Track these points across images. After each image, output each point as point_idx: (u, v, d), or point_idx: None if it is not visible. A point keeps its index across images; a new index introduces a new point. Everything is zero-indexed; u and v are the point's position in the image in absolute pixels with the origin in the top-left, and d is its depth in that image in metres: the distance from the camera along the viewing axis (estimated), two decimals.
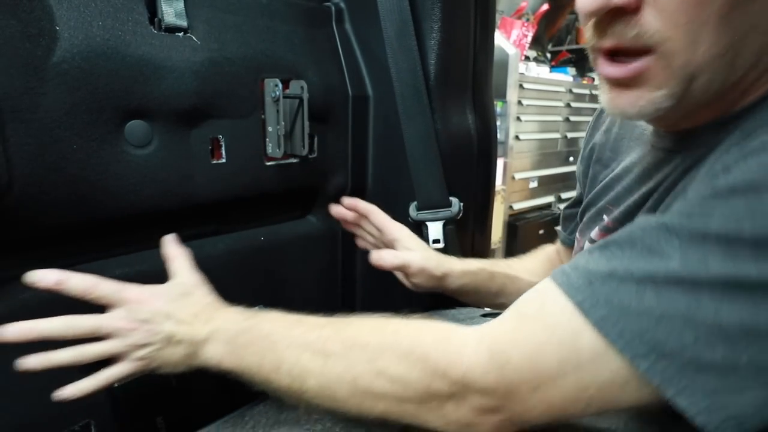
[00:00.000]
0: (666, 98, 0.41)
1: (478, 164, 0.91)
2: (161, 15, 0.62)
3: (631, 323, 0.35)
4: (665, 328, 0.34)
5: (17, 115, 0.52)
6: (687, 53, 0.39)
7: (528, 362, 0.39)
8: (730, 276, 0.33)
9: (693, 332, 0.34)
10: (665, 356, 0.34)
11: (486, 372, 0.41)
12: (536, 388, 0.39)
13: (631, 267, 0.37)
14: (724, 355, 0.33)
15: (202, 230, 0.75)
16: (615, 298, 0.36)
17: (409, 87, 0.79)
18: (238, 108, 0.70)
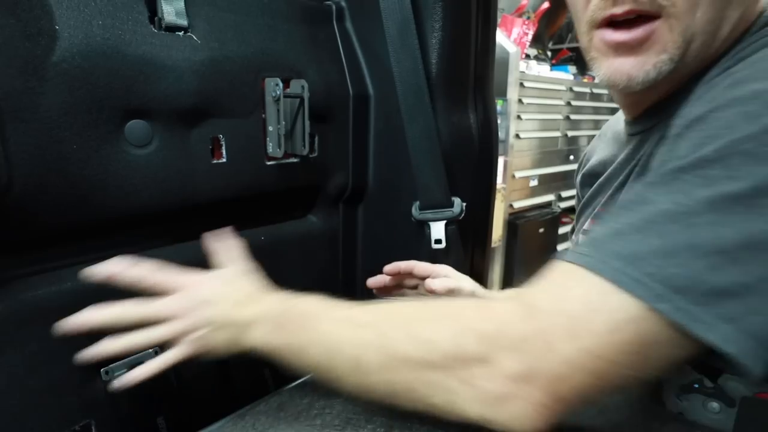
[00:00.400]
0: (668, 62, 0.45)
1: (479, 163, 0.91)
2: (161, 14, 0.61)
3: (643, 267, 0.35)
4: (674, 263, 0.34)
5: (17, 115, 0.51)
6: (689, 16, 0.43)
7: (558, 306, 0.38)
8: (712, 196, 0.34)
9: (700, 261, 0.34)
10: (680, 291, 0.34)
11: (516, 320, 0.39)
12: (572, 334, 0.37)
13: (629, 220, 0.38)
14: (735, 276, 0.33)
15: (202, 230, 0.74)
16: (622, 250, 0.37)
17: (410, 86, 0.79)
18: (238, 107, 0.70)
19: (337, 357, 0.46)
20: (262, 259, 0.80)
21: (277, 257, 0.82)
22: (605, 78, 0.49)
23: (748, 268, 0.33)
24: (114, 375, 0.63)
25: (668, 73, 0.46)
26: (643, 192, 0.39)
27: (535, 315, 0.38)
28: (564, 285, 0.39)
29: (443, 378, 0.40)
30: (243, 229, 0.79)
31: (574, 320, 0.37)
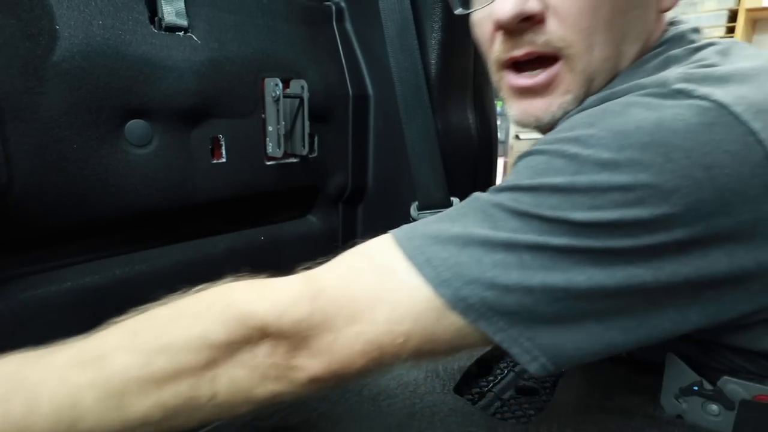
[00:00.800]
0: (572, 102, 0.47)
1: (478, 164, 0.91)
2: (161, 14, 0.61)
3: (438, 251, 0.37)
4: (468, 254, 0.36)
5: (17, 115, 0.51)
6: (586, 56, 0.45)
7: (343, 288, 0.39)
8: (517, 208, 0.37)
9: (491, 257, 0.36)
10: (468, 283, 0.36)
11: (299, 300, 0.38)
12: (352, 318, 0.38)
13: (445, 211, 0.41)
14: (518, 278, 0.35)
15: (202, 230, 0.75)
16: (429, 230, 0.39)
17: (410, 86, 0.79)
18: (238, 107, 0.70)
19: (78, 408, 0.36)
20: (261, 258, 0.80)
21: (277, 257, 0.82)
22: (515, 119, 0.51)
23: (532, 272, 0.36)
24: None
25: (573, 110, 0.47)
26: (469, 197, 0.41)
27: (319, 297, 0.38)
28: (358, 264, 0.40)
29: (225, 368, 0.38)
30: (242, 229, 0.79)
31: (359, 307, 0.38)
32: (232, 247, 0.76)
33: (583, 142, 0.37)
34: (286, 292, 0.40)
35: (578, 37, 0.44)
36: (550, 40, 0.45)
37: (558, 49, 0.45)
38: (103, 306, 0.63)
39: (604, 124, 0.37)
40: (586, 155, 0.36)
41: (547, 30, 0.45)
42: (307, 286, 0.39)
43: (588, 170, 0.36)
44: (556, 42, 0.45)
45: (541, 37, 0.45)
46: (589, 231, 0.35)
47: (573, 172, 0.36)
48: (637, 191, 0.34)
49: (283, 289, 0.40)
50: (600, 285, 0.35)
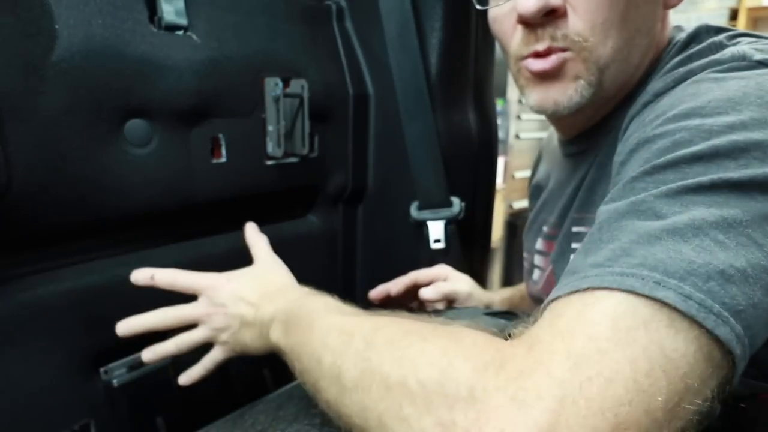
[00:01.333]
0: (586, 87, 0.49)
1: (479, 163, 0.90)
2: (161, 13, 0.61)
3: (628, 261, 0.32)
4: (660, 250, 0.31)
5: (16, 115, 0.51)
6: (600, 48, 0.48)
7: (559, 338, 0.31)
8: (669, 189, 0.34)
9: (686, 245, 0.31)
10: (674, 276, 0.30)
11: (517, 352, 0.31)
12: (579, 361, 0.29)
13: (597, 237, 0.35)
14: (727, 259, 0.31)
15: (202, 230, 0.74)
16: (598, 258, 0.33)
17: (410, 86, 0.79)
18: (238, 107, 0.70)
19: (319, 365, 0.42)
20: None
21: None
22: (535, 104, 0.52)
23: (737, 251, 0.31)
24: (113, 375, 0.63)
25: (590, 96, 0.50)
26: (600, 214, 0.37)
27: (533, 346, 0.31)
28: (557, 313, 0.33)
29: (417, 417, 0.32)
30: (242, 229, 0.79)
31: (571, 340, 0.30)
32: (232, 247, 0.76)
33: (699, 114, 0.37)
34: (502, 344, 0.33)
35: (594, 31, 0.47)
36: (567, 34, 0.48)
37: (575, 42, 0.48)
38: (103, 306, 0.63)
39: (709, 96, 0.38)
40: (712, 122, 0.36)
41: (566, 24, 0.47)
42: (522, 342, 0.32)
43: (722, 133, 0.35)
44: (574, 36, 0.47)
45: (560, 31, 0.48)
46: (748, 191, 0.33)
47: (706, 138, 0.35)
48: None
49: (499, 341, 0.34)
50: None
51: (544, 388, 0.28)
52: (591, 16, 0.47)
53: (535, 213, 0.70)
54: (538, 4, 0.46)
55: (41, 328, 0.58)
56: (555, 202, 0.63)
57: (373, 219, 0.93)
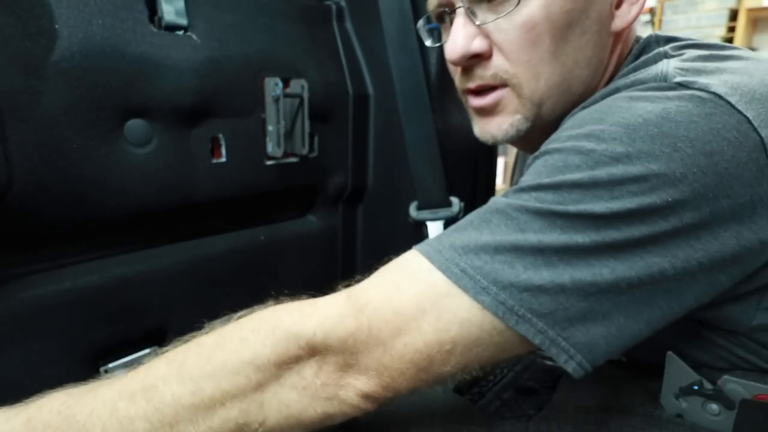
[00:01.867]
0: (522, 121, 0.52)
1: (479, 163, 0.91)
2: (161, 13, 0.61)
3: (472, 260, 0.38)
4: (500, 260, 0.38)
5: (17, 114, 0.51)
6: (532, 84, 0.50)
7: (387, 302, 0.39)
8: (541, 209, 0.38)
9: (522, 262, 0.38)
10: (504, 288, 0.37)
11: (344, 316, 0.40)
12: (398, 330, 0.39)
13: (469, 221, 0.41)
14: (550, 276, 0.37)
15: (202, 229, 0.75)
16: (456, 241, 0.40)
17: (410, 86, 0.79)
18: (238, 107, 0.70)
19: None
20: (261, 258, 0.80)
21: (277, 257, 0.82)
22: (478, 135, 0.56)
23: (562, 270, 0.37)
24: (113, 374, 0.63)
25: (528, 129, 0.52)
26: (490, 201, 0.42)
27: (363, 312, 0.39)
28: (398, 278, 0.41)
29: (275, 391, 0.39)
30: (242, 229, 0.79)
31: (404, 318, 0.39)
32: (232, 246, 0.76)
33: (596, 137, 0.39)
34: (330, 309, 0.40)
35: (521, 69, 0.49)
36: (496, 73, 0.50)
37: (504, 80, 0.50)
38: (103, 306, 0.63)
39: (613, 119, 0.40)
40: (602, 150, 0.38)
41: (493, 65, 0.50)
42: (350, 303, 0.40)
43: (604, 164, 0.38)
44: (502, 74, 0.50)
45: (488, 71, 0.51)
46: (610, 223, 0.37)
47: (591, 166, 0.38)
48: (650, 180, 0.37)
49: (326, 307, 0.41)
50: (624, 276, 0.37)
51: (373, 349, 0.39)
52: (515, 56, 0.49)
53: None
54: (460, 52, 0.49)
55: (41, 328, 0.58)
56: None
57: (372, 219, 0.93)
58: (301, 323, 0.40)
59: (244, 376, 0.39)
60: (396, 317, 0.39)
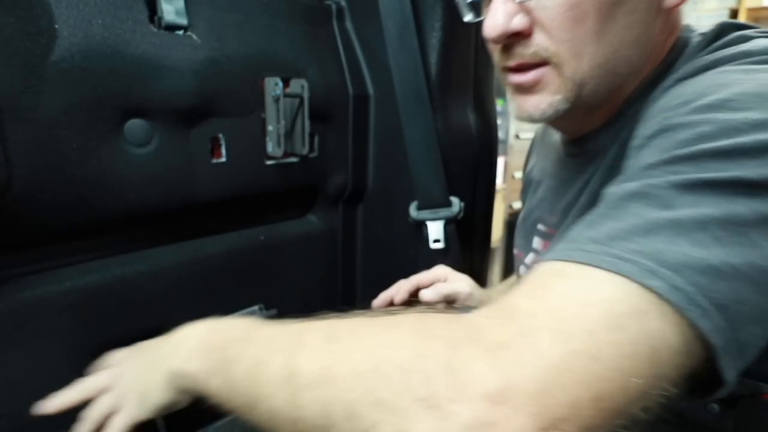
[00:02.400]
0: (562, 102, 0.49)
1: (479, 163, 0.90)
2: (161, 13, 0.61)
3: (624, 245, 0.33)
4: (659, 240, 0.32)
5: (16, 114, 0.51)
6: (574, 63, 0.47)
7: (540, 303, 0.33)
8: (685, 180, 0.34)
9: (684, 237, 0.32)
10: (670, 267, 0.31)
11: (492, 324, 0.33)
12: (560, 333, 0.30)
13: (599, 212, 0.36)
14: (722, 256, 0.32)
15: (202, 229, 0.74)
16: (595, 234, 0.34)
17: (410, 86, 0.79)
18: (238, 107, 0.70)
19: (265, 369, 0.38)
20: (261, 258, 0.80)
21: (277, 257, 0.82)
22: (514, 113, 0.55)
23: (734, 249, 0.32)
24: None
25: (567, 109, 0.49)
26: (608, 194, 0.38)
27: (514, 317, 0.32)
28: (544, 283, 0.35)
29: (395, 398, 0.30)
30: (242, 229, 0.79)
31: (562, 318, 0.31)
32: (232, 246, 0.76)
33: (726, 107, 0.36)
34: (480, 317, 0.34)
35: (563, 47, 0.47)
36: (537, 51, 0.48)
37: (545, 58, 0.48)
38: (103, 306, 0.63)
39: (738, 89, 0.37)
40: (738, 118, 0.35)
41: (534, 43, 0.48)
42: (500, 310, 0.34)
43: (745, 131, 0.35)
44: (543, 53, 0.47)
45: (529, 50, 0.48)
46: (761, 191, 0.33)
47: (730, 134, 0.35)
48: None
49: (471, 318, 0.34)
50: None
51: (528, 359, 0.29)
52: (557, 34, 0.46)
53: (530, 209, 0.69)
54: (499, 30, 0.47)
55: (41, 328, 0.58)
56: (555, 202, 0.61)
57: (372, 219, 0.93)
58: (449, 325, 0.34)
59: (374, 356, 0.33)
60: (555, 319, 0.31)
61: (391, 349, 0.33)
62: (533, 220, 0.66)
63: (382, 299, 0.76)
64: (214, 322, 0.49)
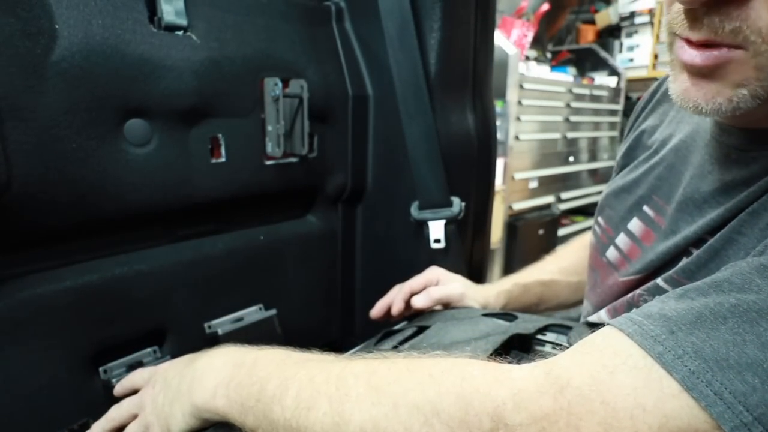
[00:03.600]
0: (748, 99, 0.37)
1: (478, 164, 0.91)
2: (161, 13, 0.61)
3: (732, 382, 0.29)
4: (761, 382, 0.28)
5: (16, 114, 0.51)
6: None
7: (596, 388, 0.31)
8: None
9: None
10: (758, 416, 0.28)
11: (541, 393, 0.32)
12: (605, 424, 0.30)
13: (721, 311, 0.31)
14: None
15: (201, 229, 0.75)
16: (707, 348, 0.30)
17: (409, 86, 0.79)
18: (237, 107, 0.70)
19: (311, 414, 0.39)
20: (261, 258, 0.80)
21: (276, 257, 0.82)
22: (674, 95, 0.41)
23: None
24: (112, 374, 0.63)
25: (750, 108, 0.37)
26: (750, 274, 0.32)
27: (565, 391, 0.32)
28: (609, 364, 0.32)
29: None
30: (242, 229, 0.79)
31: (613, 411, 0.30)
32: (231, 246, 0.76)
33: None
34: (526, 383, 0.34)
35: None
36: (740, 28, 0.34)
37: (746, 40, 0.34)
38: (102, 306, 0.63)
39: None
40: None
41: (745, 15, 0.34)
42: (550, 381, 0.33)
43: None
44: (747, 32, 0.34)
45: (730, 24, 0.34)
46: None
47: None
48: None
49: (521, 378, 0.34)
50: None
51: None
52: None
53: (635, 181, 0.58)
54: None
55: (41, 328, 0.58)
56: (678, 188, 0.50)
57: (372, 219, 0.93)
58: (492, 386, 0.34)
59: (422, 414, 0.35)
60: (605, 408, 0.31)
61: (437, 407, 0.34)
62: (638, 197, 0.56)
63: (379, 309, 0.76)
64: (235, 353, 0.48)
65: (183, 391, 0.47)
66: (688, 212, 0.48)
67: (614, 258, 0.58)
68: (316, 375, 0.41)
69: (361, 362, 0.41)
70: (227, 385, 0.44)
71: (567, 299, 0.80)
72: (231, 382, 0.44)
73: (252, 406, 0.42)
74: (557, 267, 0.81)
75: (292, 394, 0.40)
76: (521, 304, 0.75)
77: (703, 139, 0.50)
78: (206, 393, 0.45)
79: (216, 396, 0.44)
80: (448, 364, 0.37)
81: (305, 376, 0.41)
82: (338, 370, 0.40)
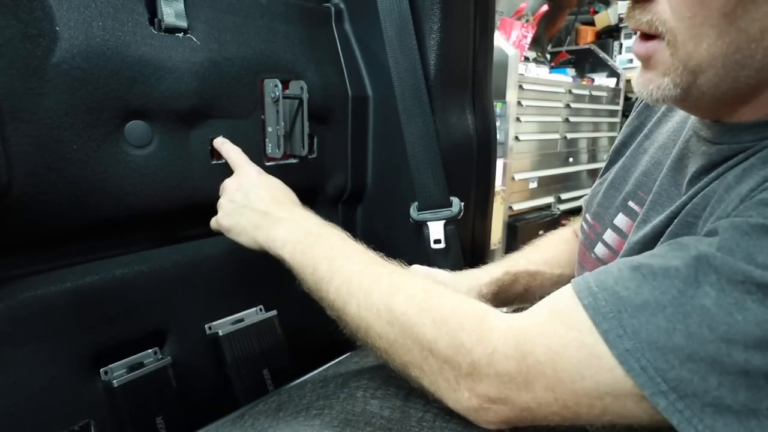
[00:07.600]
0: (671, 87, 0.43)
1: (477, 164, 0.91)
2: (161, 15, 0.62)
3: (656, 360, 0.36)
4: (690, 369, 0.35)
5: (17, 115, 0.52)
6: (689, 46, 0.41)
7: (550, 358, 0.39)
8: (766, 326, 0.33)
9: (718, 377, 0.34)
10: (686, 396, 0.35)
11: (508, 357, 0.41)
12: (552, 387, 0.40)
13: (663, 300, 0.37)
14: (746, 400, 0.34)
15: (201, 230, 0.75)
16: (643, 331, 0.37)
17: (409, 87, 0.79)
18: (237, 108, 0.70)
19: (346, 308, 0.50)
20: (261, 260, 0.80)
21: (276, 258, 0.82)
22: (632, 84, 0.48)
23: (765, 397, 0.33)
24: (113, 375, 0.63)
25: (677, 98, 0.43)
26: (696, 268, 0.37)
27: (527, 359, 0.40)
28: (565, 337, 0.40)
29: (436, 371, 0.45)
30: None
31: (560, 377, 0.39)
32: (231, 248, 0.76)
33: None
34: (501, 344, 0.42)
35: (681, 25, 0.40)
36: (652, 20, 0.42)
37: (659, 32, 0.42)
38: (103, 307, 0.63)
39: None
40: None
41: (653, 10, 0.42)
42: (518, 349, 0.41)
43: None
44: (658, 24, 0.42)
45: (645, 16, 0.42)
46: None
47: None
48: None
49: (499, 339, 0.42)
50: None
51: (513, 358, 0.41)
52: (678, 8, 0.40)
53: (622, 176, 0.61)
54: None
55: (41, 328, 0.58)
56: (658, 182, 0.54)
57: (372, 220, 0.93)
58: (474, 345, 0.42)
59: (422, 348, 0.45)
60: (554, 374, 0.39)
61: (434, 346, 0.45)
62: (625, 193, 0.59)
63: None
64: (309, 219, 0.60)
65: (262, 227, 0.61)
66: (660, 203, 0.52)
67: (603, 254, 0.60)
68: (353, 276, 0.51)
69: (387, 280, 0.50)
70: (294, 247, 0.57)
71: (550, 291, 0.79)
72: (298, 245, 0.56)
73: (310, 273, 0.54)
74: (541, 258, 0.80)
75: (336, 284, 0.52)
76: (510, 294, 0.75)
77: (686, 134, 0.53)
78: (277, 241, 0.58)
79: (284, 248, 0.57)
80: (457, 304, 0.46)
81: (347, 273, 0.52)
82: (369, 280, 0.50)
